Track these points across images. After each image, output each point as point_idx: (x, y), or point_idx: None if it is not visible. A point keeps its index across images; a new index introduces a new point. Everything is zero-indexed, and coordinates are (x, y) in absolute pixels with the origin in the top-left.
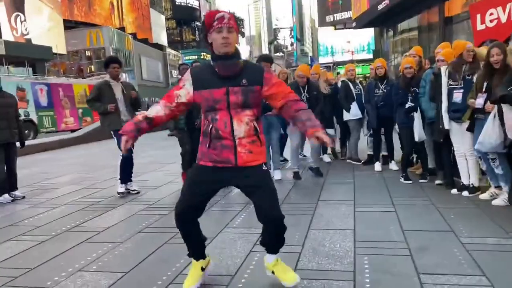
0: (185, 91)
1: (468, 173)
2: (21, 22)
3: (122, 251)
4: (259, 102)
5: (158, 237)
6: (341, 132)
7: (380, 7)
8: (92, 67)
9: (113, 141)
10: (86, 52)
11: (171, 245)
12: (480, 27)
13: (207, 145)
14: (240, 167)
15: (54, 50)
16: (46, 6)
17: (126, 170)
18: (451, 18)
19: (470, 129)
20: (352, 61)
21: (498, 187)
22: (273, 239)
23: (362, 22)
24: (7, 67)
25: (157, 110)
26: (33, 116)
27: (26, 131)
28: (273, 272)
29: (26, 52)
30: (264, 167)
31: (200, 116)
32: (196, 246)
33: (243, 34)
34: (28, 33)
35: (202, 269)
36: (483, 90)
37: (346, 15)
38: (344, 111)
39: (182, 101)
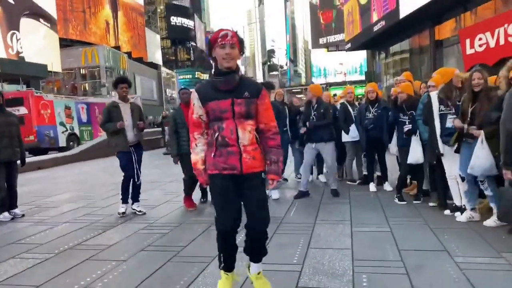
0: (199, 109)
1: (460, 195)
2: (17, 40)
3: (126, 269)
4: (257, 114)
5: (161, 255)
6: (337, 152)
7: (375, 28)
8: (86, 85)
9: (108, 160)
10: (81, 70)
11: (175, 263)
12: (469, 51)
13: (213, 155)
14: (244, 174)
15: (50, 68)
16: (42, 24)
17: (133, 191)
18: (441, 41)
19: (457, 150)
20: (344, 82)
21: (474, 209)
22: (254, 245)
23: (354, 44)
24: (1, 84)
25: (202, 148)
26: (76, 130)
27: (71, 143)
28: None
29: (21, 70)
30: (263, 175)
31: None
32: (233, 258)
33: (243, 52)
34: (23, 51)
35: (233, 280)
36: (469, 114)
37: (338, 37)
38: (343, 133)
39: (205, 118)
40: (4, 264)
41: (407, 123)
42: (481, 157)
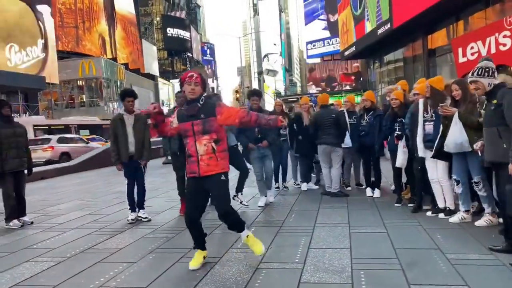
0: (175, 123)
1: (443, 197)
2: (15, 52)
3: (137, 270)
4: (217, 129)
5: (169, 257)
6: None
7: (380, 31)
8: (84, 96)
9: (107, 170)
10: (78, 81)
11: (183, 264)
12: (462, 59)
13: (187, 162)
14: (202, 176)
15: (47, 80)
16: (39, 37)
17: (138, 198)
18: (434, 50)
19: (435, 156)
20: (340, 91)
21: (467, 211)
22: (230, 225)
23: (349, 54)
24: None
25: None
26: None
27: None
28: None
29: (19, 82)
30: (222, 177)
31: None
32: (201, 240)
33: (205, 89)
34: (21, 63)
35: (203, 257)
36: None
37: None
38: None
39: (174, 127)
40: (19, 267)
41: (397, 129)
42: (453, 134)
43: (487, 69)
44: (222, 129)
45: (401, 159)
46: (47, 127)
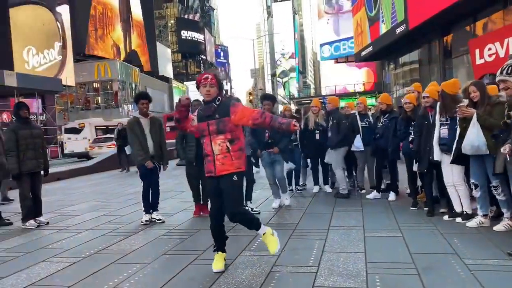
0: (195, 122)
1: (460, 201)
2: (33, 55)
3: (151, 271)
4: (231, 129)
5: (183, 258)
6: (348, 162)
7: (398, 30)
8: (99, 98)
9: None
10: (94, 84)
11: (196, 266)
12: (479, 61)
13: (204, 161)
14: (218, 175)
15: (64, 82)
16: (56, 40)
17: (152, 200)
18: (450, 52)
19: (454, 161)
20: (354, 93)
21: (485, 215)
22: (244, 225)
23: (363, 55)
24: (17, 98)
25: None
26: None
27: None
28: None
29: (36, 84)
30: (235, 177)
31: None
32: (222, 242)
33: (221, 89)
34: (39, 66)
35: (224, 259)
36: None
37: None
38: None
39: (194, 125)
40: (35, 267)
41: (411, 133)
42: (471, 136)
43: None
44: (237, 129)
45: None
46: (104, 127)
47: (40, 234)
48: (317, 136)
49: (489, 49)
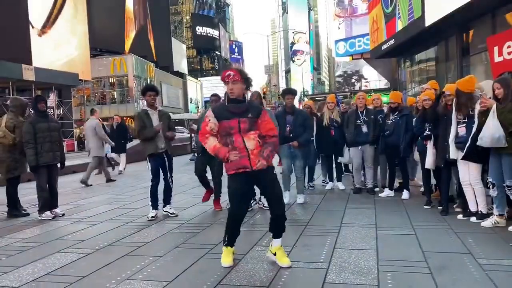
0: (213, 124)
1: (475, 200)
2: (51, 50)
3: (163, 263)
4: (258, 128)
5: (195, 252)
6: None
7: (411, 29)
8: (115, 93)
9: (133, 165)
10: (110, 79)
11: (207, 259)
12: (497, 59)
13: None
14: (254, 170)
15: (80, 77)
16: (74, 35)
17: (165, 194)
18: (468, 49)
19: (464, 158)
20: (369, 90)
21: (501, 215)
22: (278, 226)
23: (379, 52)
24: (35, 92)
25: (213, 139)
26: None
27: None
28: (275, 254)
29: (53, 79)
30: (274, 171)
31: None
32: (235, 237)
33: (248, 85)
34: (56, 61)
35: (233, 253)
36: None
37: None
38: None
39: (216, 131)
40: (51, 257)
41: (427, 129)
42: (491, 128)
43: None
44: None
45: (430, 160)
46: None
47: (56, 225)
48: (332, 133)
49: (508, 46)
